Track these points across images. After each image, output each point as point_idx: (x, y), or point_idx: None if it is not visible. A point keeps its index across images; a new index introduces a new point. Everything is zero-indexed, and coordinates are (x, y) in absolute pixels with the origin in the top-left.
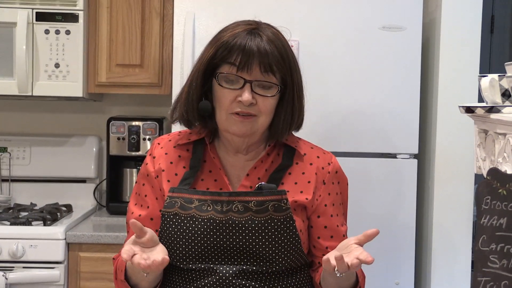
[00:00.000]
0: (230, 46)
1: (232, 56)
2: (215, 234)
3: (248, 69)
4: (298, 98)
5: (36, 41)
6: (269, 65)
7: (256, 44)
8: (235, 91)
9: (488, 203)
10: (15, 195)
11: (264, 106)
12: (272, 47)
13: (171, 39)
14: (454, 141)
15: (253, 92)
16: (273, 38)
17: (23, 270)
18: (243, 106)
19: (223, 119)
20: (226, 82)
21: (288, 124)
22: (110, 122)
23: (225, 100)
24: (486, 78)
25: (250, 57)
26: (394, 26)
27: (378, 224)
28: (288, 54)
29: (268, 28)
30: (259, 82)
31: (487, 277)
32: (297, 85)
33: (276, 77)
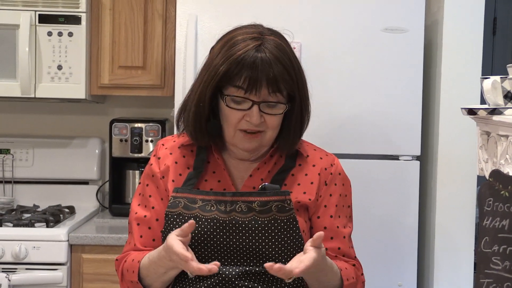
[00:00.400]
0: (238, 67)
1: (240, 79)
2: (219, 234)
3: (256, 91)
4: (305, 109)
5: (38, 43)
6: (277, 85)
7: (262, 65)
8: (243, 111)
9: (491, 204)
10: (18, 196)
11: (271, 122)
12: (279, 66)
13: (174, 41)
14: (456, 143)
15: (261, 111)
16: (279, 54)
17: (26, 271)
18: (251, 125)
19: (231, 135)
20: (234, 103)
21: (298, 135)
22: (112, 124)
23: (233, 119)
24: (488, 80)
25: (257, 80)
26: (396, 28)
27: (381, 226)
28: (294, 68)
29: (272, 40)
30: (267, 102)
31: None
32: (304, 97)
33: (283, 95)
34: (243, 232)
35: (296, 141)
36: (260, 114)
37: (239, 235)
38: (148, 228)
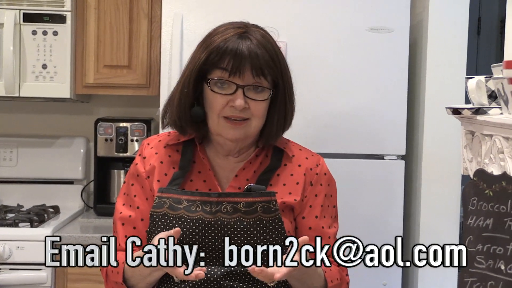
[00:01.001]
0: (222, 51)
1: (223, 61)
2: (204, 235)
3: (240, 74)
4: (290, 99)
5: (23, 42)
6: (261, 69)
7: (247, 48)
8: (227, 96)
9: (475, 204)
10: (1, 196)
11: (256, 109)
12: (262, 50)
13: (159, 40)
14: (441, 142)
15: (245, 96)
16: (263, 41)
17: (10, 272)
18: (236, 111)
19: (215, 123)
20: (218, 87)
21: (282, 127)
22: (97, 123)
23: (217, 105)
24: (473, 79)
25: (242, 62)
26: (382, 27)
27: (366, 225)
28: (279, 57)
29: (257, 31)
30: (251, 86)
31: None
32: (288, 87)
33: (267, 80)
34: (228, 232)
35: (279, 133)
36: (244, 99)
37: (224, 235)
38: (133, 228)
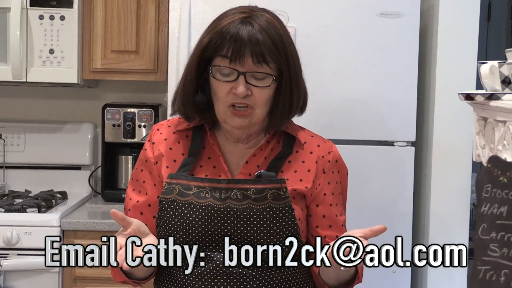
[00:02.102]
0: (222, 37)
1: (223, 48)
2: (213, 221)
3: (240, 60)
4: (296, 85)
5: (30, 26)
6: (262, 55)
7: (247, 34)
8: (230, 83)
9: (489, 191)
10: (9, 182)
11: (260, 96)
12: (264, 36)
13: (167, 25)
14: (452, 128)
15: (248, 83)
16: (267, 26)
17: (18, 257)
18: (239, 98)
19: (221, 111)
20: (221, 75)
21: (287, 113)
22: (105, 109)
23: (220, 92)
24: (486, 65)
25: (242, 48)
26: (392, 12)
27: (375, 212)
28: (284, 42)
29: (262, 15)
30: (253, 73)
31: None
32: (294, 72)
33: (270, 67)
34: (238, 219)
35: (284, 119)
36: (246, 86)
37: (234, 222)
38: (140, 213)
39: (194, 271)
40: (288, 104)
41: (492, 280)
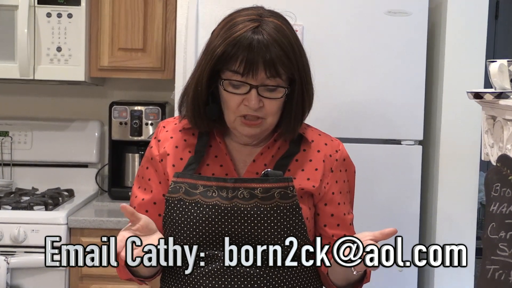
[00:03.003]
0: (234, 49)
1: (236, 61)
2: (220, 220)
3: (253, 74)
4: (307, 91)
5: (37, 24)
6: (275, 68)
7: (260, 47)
8: (242, 96)
9: (498, 190)
10: (16, 179)
11: (270, 107)
12: (277, 48)
13: (174, 23)
14: (459, 127)
15: (260, 95)
16: (277, 36)
17: (25, 254)
18: (251, 110)
19: (232, 120)
20: (232, 87)
21: (300, 120)
22: (112, 107)
23: (232, 104)
24: (495, 63)
25: (254, 62)
26: (400, 11)
27: (383, 211)
28: (295, 50)
29: (271, 21)
30: (265, 86)
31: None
32: (305, 80)
33: (282, 78)
34: (245, 218)
35: (297, 126)
36: (258, 98)
37: (241, 221)
38: (145, 211)
39: (200, 270)
40: (300, 110)
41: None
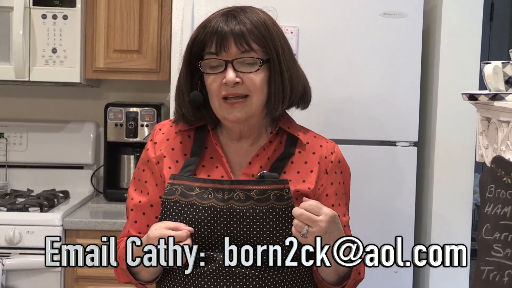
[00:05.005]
0: (205, 31)
1: (208, 42)
2: (216, 222)
3: (225, 49)
4: (287, 68)
5: (33, 26)
6: (245, 41)
7: (228, 24)
8: (220, 75)
9: (492, 191)
10: (11, 181)
11: (251, 83)
12: (246, 22)
13: (170, 25)
14: (454, 129)
15: (237, 71)
16: (248, 15)
17: (20, 256)
18: (230, 88)
19: (217, 106)
20: (211, 69)
21: (281, 98)
22: (107, 108)
23: (213, 87)
24: (489, 65)
25: (224, 38)
26: (395, 12)
27: (377, 212)
28: (267, 25)
29: (245, 8)
30: (239, 59)
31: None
32: (283, 54)
33: (255, 51)
34: (240, 220)
35: (279, 104)
36: (235, 74)
37: (237, 223)
38: (143, 213)
39: (197, 271)
40: (280, 87)
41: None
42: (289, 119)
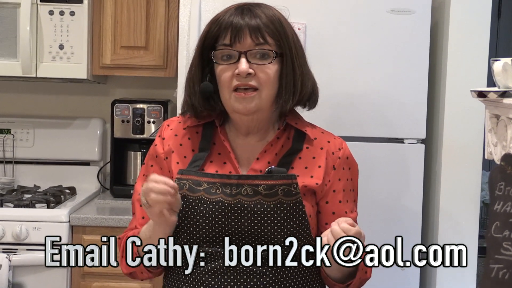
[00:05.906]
0: (219, 25)
1: (222, 35)
2: (224, 217)
3: (239, 40)
4: (299, 65)
5: (40, 22)
6: (260, 33)
7: (243, 16)
8: (233, 66)
9: (502, 189)
10: (18, 177)
11: (264, 76)
12: (262, 16)
13: (177, 21)
14: (462, 126)
15: (250, 62)
16: (263, 9)
17: (27, 252)
18: (242, 78)
19: (227, 98)
20: (223, 59)
21: (291, 93)
22: (114, 105)
23: (225, 77)
24: (499, 62)
25: (240, 31)
26: (403, 9)
27: (384, 210)
28: (281, 21)
29: (258, 3)
30: (253, 51)
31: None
32: (295, 51)
33: (270, 44)
34: (248, 215)
35: (289, 99)
36: (248, 65)
37: (245, 218)
38: None
39: (202, 269)
40: (291, 82)
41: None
42: (297, 115)
